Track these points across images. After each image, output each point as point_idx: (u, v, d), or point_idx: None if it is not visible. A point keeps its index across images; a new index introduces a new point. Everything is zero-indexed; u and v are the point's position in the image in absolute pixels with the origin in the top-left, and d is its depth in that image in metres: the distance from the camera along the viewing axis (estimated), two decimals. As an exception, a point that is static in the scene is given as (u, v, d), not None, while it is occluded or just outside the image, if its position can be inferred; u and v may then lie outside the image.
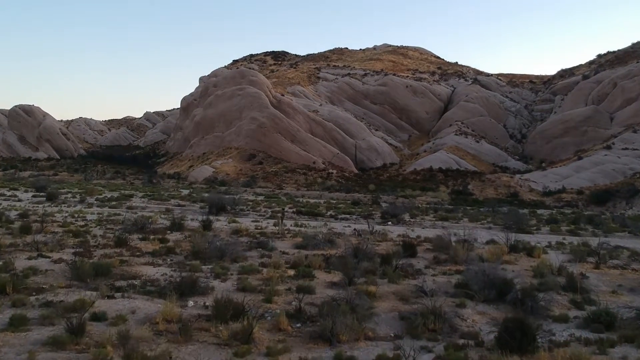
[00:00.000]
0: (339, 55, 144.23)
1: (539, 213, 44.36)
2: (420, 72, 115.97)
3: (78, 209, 31.46)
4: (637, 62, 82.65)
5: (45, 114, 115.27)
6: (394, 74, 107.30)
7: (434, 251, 20.28)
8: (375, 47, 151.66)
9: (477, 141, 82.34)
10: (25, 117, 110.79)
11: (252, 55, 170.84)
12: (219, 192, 52.18)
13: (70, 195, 40.15)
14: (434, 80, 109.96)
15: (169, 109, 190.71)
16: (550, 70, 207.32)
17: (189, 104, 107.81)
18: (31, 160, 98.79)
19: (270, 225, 27.15)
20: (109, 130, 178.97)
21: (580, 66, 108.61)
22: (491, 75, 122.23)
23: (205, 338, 9.50)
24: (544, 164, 71.48)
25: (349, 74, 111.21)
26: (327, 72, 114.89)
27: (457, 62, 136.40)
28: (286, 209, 35.80)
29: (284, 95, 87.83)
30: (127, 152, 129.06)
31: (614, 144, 63.75)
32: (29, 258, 15.60)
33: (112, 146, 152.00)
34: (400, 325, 11.09)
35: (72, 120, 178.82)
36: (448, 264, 17.89)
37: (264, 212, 34.21)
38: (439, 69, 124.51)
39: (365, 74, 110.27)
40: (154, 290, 12.81)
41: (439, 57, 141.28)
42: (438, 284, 15.18)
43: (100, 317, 10.01)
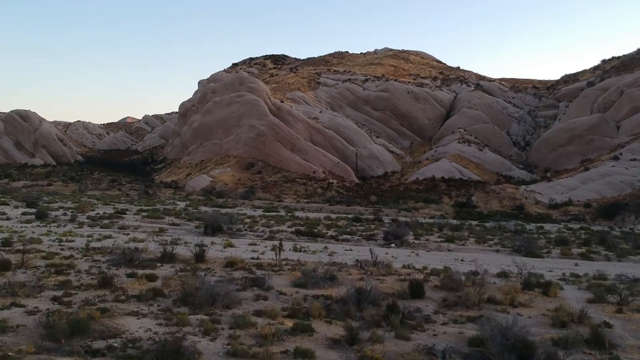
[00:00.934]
0: (339, 59, 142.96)
1: (546, 229, 42.97)
2: (422, 77, 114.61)
3: (68, 229, 30.20)
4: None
5: (42, 120, 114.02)
6: (395, 80, 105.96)
7: (442, 289, 18.90)
8: (376, 51, 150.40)
9: (481, 149, 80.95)
10: (21, 122, 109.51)
11: (251, 59, 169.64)
12: (215, 205, 50.92)
13: (61, 212, 38.85)
14: (435, 86, 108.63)
15: (168, 112, 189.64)
16: (553, 75, 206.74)
17: (187, 109, 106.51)
18: (27, 167, 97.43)
19: (268, 250, 25.89)
20: (107, 134, 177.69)
21: (585, 71, 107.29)
22: (494, 80, 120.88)
23: None
24: (548, 173, 70.11)
25: (349, 79, 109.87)
26: (328, 77, 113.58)
27: (459, 67, 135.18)
28: (285, 228, 34.51)
29: (283, 102, 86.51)
30: (125, 157, 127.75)
31: (621, 154, 62.34)
32: (1, 307, 14.23)
33: (111, 150, 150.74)
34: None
35: (70, 124, 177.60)
36: (459, 308, 16.48)
37: (262, 232, 32.92)
38: (440, 73, 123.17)
39: (366, 80, 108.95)
40: (134, 355, 11.46)
41: (440, 62, 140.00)
42: (449, 335, 13.82)
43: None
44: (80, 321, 13.14)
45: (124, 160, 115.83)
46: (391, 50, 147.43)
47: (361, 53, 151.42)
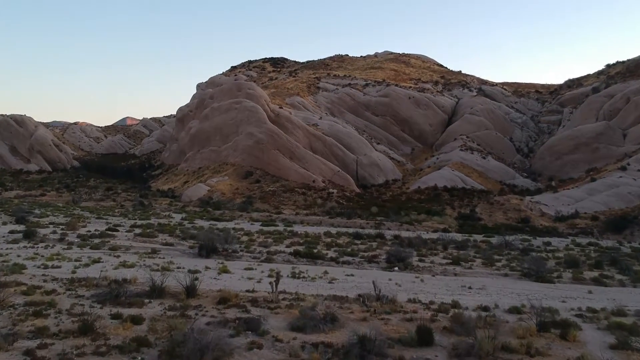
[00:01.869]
0: (339, 62, 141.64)
1: (554, 245, 41.60)
2: (423, 82, 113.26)
3: (56, 251, 28.90)
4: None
5: (37, 125, 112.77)
6: (396, 85, 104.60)
7: (452, 332, 17.49)
8: (376, 54, 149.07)
9: (484, 157, 79.55)
10: (16, 127, 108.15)
11: (250, 62, 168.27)
12: (212, 218, 49.49)
13: (51, 229, 37.56)
14: (437, 91, 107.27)
15: (167, 114, 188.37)
16: (556, 79, 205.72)
17: (184, 115, 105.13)
18: (22, 173, 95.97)
19: (265, 277, 24.65)
20: (105, 137, 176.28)
21: (589, 76, 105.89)
22: (496, 84, 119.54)
23: None
24: (553, 182, 68.75)
25: (349, 84, 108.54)
26: (327, 82, 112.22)
27: (460, 71, 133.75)
28: (283, 248, 33.20)
29: (282, 108, 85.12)
30: (123, 162, 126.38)
31: (629, 164, 60.91)
32: (-35, 367, 12.83)
33: (108, 154, 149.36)
34: None
35: (67, 127, 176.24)
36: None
37: (259, 252, 31.54)
38: (442, 78, 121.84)
39: (367, 84, 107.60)
40: None
41: (441, 66, 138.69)
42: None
43: None
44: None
45: (121, 166, 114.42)
46: (392, 53, 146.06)
47: (361, 56, 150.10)
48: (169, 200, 64.72)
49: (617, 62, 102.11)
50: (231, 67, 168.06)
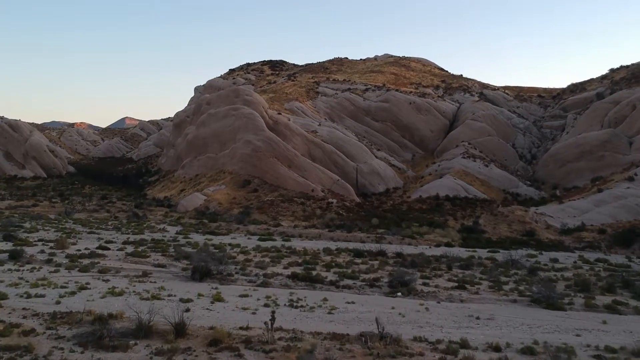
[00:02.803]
0: (338, 65, 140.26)
1: (561, 263, 40.26)
2: (424, 86, 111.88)
3: (42, 274, 27.58)
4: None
5: (32, 130, 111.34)
6: (397, 90, 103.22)
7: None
8: (376, 57, 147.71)
9: (486, 165, 78.13)
10: (11, 132, 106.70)
11: (249, 64, 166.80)
12: (208, 232, 48.12)
13: (39, 247, 36.28)
14: (438, 96, 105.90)
15: (164, 117, 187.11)
16: (558, 82, 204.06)
17: (181, 120, 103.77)
18: (17, 179, 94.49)
19: (261, 306, 23.36)
20: (102, 140, 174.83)
21: (592, 80, 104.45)
22: (497, 88, 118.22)
23: None
24: (557, 191, 67.39)
25: (349, 88, 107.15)
26: (326, 87, 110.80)
27: (461, 75, 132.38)
28: (280, 270, 31.81)
29: (281, 114, 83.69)
30: (120, 166, 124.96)
31: (636, 174, 59.51)
32: None
33: (105, 158, 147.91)
34: None
35: (64, 131, 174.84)
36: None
37: (255, 275, 30.16)
38: (442, 82, 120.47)
39: (367, 89, 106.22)
40: None
41: (442, 69, 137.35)
42: None
43: None
44: None
45: (117, 171, 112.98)
46: (392, 56, 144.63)
47: (361, 59, 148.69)
48: (164, 210, 63.28)
49: (621, 67, 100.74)
50: (229, 69, 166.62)
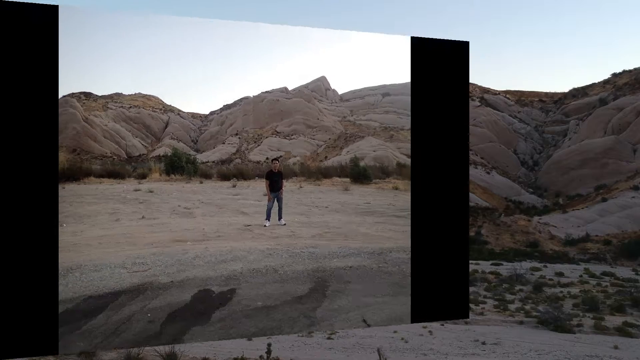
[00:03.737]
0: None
1: (567, 277, 39.33)
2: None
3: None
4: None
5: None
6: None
7: None
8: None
9: (488, 172, 77.17)
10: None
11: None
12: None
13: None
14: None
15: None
16: (560, 86, 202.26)
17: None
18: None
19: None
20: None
21: (594, 85, 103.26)
22: (498, 93, 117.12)
23: None
24: (560, 199, 66.46)
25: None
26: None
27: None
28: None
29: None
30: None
31: (642, 183, 58.69)
32: None
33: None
34: None
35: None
36: None
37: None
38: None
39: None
40: None
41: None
42: None
43: None
44: None
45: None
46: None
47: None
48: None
49: (624, 71, 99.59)
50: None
